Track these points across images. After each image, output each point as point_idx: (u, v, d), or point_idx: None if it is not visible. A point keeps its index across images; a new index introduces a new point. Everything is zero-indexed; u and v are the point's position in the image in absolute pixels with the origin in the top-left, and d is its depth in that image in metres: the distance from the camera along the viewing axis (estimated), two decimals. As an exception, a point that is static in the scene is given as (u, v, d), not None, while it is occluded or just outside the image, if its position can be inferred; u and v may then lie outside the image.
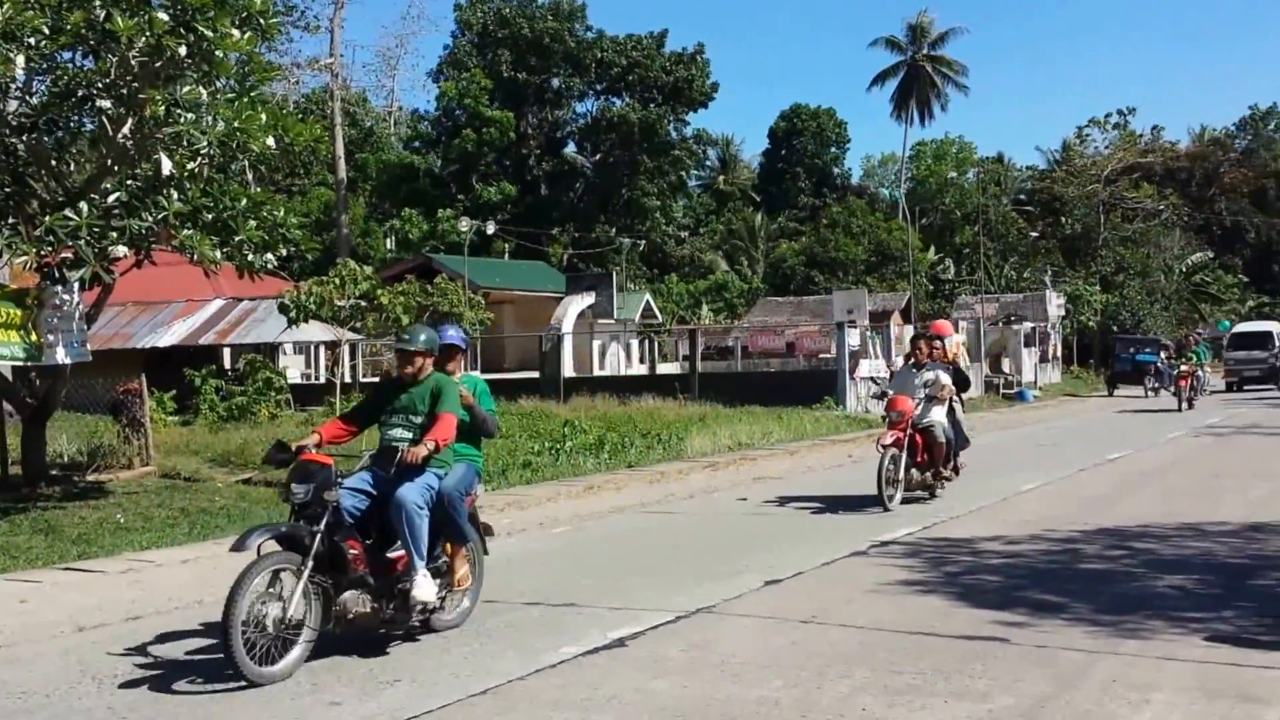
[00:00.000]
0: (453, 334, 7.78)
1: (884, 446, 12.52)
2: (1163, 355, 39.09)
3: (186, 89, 11.54)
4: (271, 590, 6.44)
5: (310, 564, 6.49)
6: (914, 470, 12.82)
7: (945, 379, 13.10)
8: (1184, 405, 28.88)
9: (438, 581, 7.21)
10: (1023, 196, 69.31)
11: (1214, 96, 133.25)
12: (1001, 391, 37.20)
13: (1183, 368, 30.07)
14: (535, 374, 32.13)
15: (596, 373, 35.17)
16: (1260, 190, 67.17)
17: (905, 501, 12.67)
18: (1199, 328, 48.32)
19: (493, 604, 8.26)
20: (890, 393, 13.21)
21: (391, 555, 7.03)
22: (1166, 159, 64.45)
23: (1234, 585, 8.42)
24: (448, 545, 7.40)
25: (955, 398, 13.50)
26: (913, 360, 13.63)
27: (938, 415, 13.02)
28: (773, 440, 21.43)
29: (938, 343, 13.70)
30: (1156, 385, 36.53)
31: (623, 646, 7.02)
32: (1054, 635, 6.98)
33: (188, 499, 13.96)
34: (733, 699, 5.87)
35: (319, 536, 6.55)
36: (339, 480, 6.90)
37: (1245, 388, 38.17)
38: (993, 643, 6.82)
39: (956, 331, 13.06)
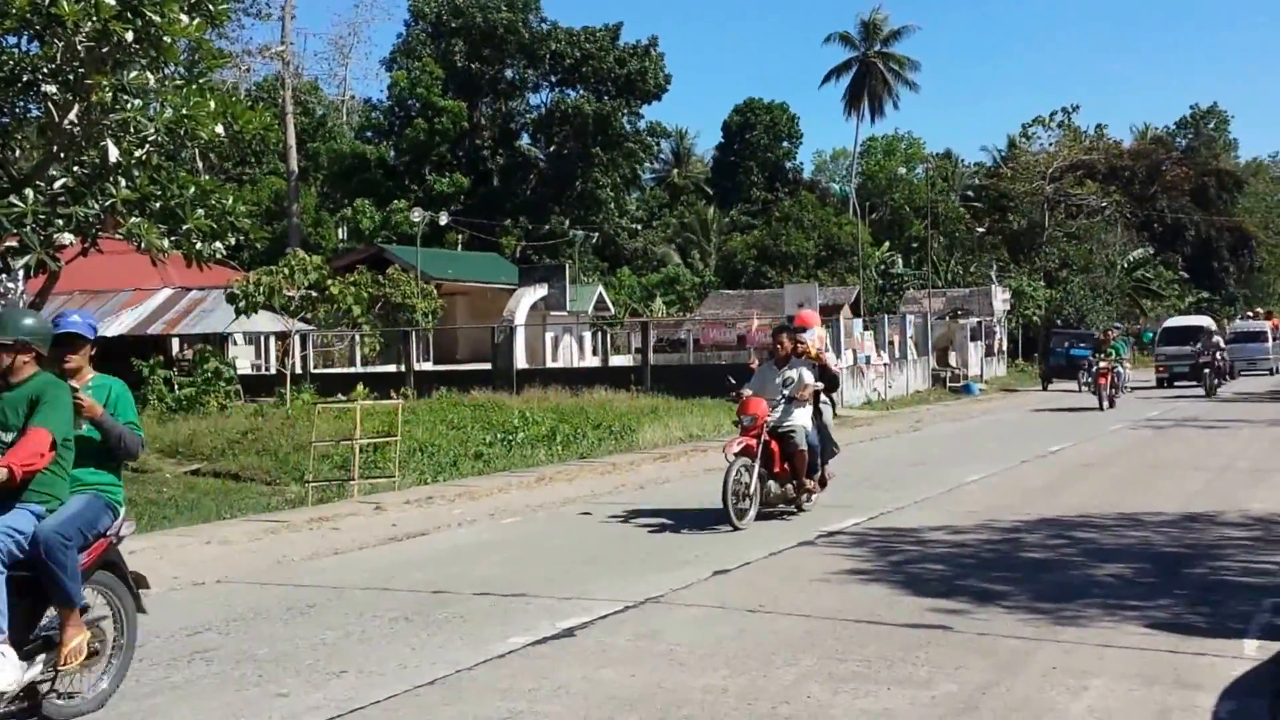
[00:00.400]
0: (75, 319, 6.02)
1: (733, 455, 10.84)
2: (1093, 351, 39.71)
3: (134, 75, 11.47)
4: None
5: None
6: (772, 482, 11.21)
7: (809, 378, 11.56)
8: (1105, 404, 26.86)
9: (40, 659, 5.48)
10: (970, 193, 70.17)
11: (1157, 96, 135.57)
12: (948, 385, 37.66)
13: (1100, 364, 28.08)
14: (488, 365, 32.08)
15: (549, 364, 35.16)
16: (1200, 188, 68.41)
17: (765, 517, 11.18)
18: (1117, 322, 47.67)
19: (442, 594, 8.28)
20: (746, 393, 11.54)
21: None
22: (1110, 157, 65.48)
23: (1171, 574, 8.58)
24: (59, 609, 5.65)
25: (825, 399, 12.16)
26: (772, 357, 12.02)
27: (800, 419, 11.41)
28: (724, 432, 21.50)
29: (802, 336, 12.07)
30: (1090, 380, 36.65)
31: (571, 636, 7.04)
32: (996, 623, 7.10)
33: (135, 489, 13.84)
34: (680, 687, 5.92)
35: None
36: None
37: (1176, 383, 37.32)
38: (936, 630, 6.94)
39: (823, 325, 10.86)
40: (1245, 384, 37.69)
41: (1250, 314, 54.15)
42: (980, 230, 59.46)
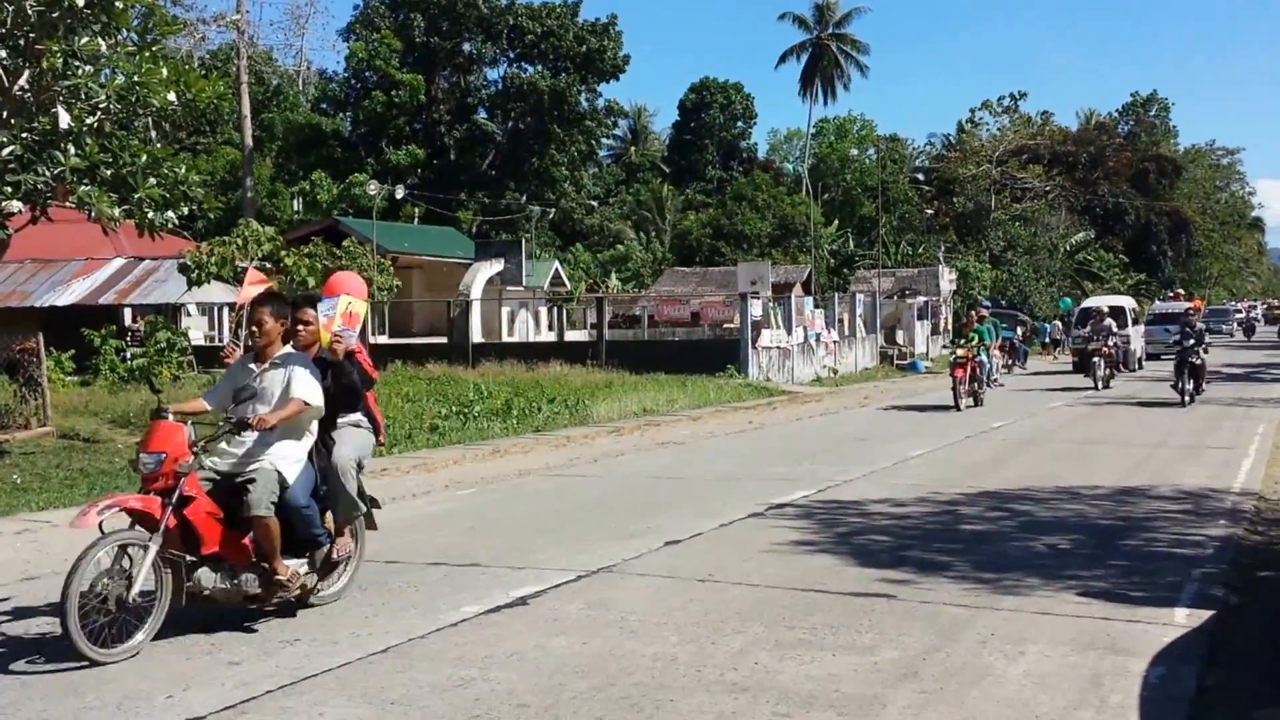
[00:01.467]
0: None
1: (105, 525, 6.22)
2: (1019, 331, 38.60)
3: (85, 41, 11.30)
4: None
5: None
6: (204, 570, 6.43)
7: (306, 389, 6.74)
8: (961, 403, 21.16)
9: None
10: (919, 176, 70.87)
11: (1100, 83, 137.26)
12: (895, 362, 38.14)
13: (959, 352, 22.04)
14: (443, 339, 32.04)
15: (505, 339, 35.17)
16: (1141, 174, 69.61)
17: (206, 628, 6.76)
18: (986, 300, 44.75)
19: (395, 564, 8.34)
20: (168, 412, 6.52)
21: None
22: (1054, 142, 66.49)
23: (1106, 545, 8.83)
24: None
25: (364, 424, 7.31)
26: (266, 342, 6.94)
27: (279, 458, 6.67)
28: (677, 407, 21.70)
29: (312, 313, 7.15)
30: (1009, 362, 35.87)
31: (524, 605, 7.14)
32: (937, 592, 7.29)
33: (87, 460, 13.75)
34: (631, 655, 6.03)
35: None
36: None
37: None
38: (879, 599, 7.11)
39: (365, 296, 7.46)
40: (1157, 369, 32.90)
41: (1171, 295, 52.64)
42: (929, 212, 60.11)
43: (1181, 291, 53.71)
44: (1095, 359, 26.47)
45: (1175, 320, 39.14)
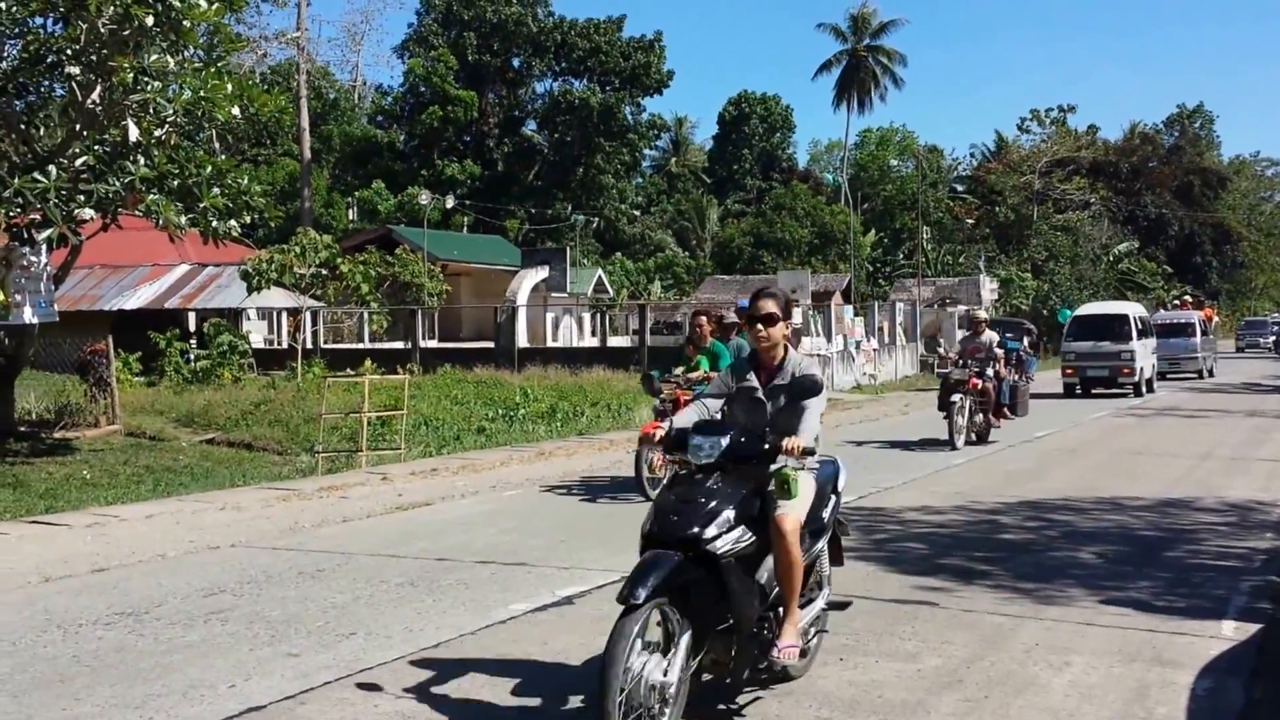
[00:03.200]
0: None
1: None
2: (1025, 341, 27.88)
3: (154, 57, 11.72)
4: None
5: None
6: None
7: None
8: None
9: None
10: (958, 186, 70.46)
11: (1145, 94, 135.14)
12: (936, 371, 37.91)
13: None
14: (490, 344, 32.41)
15: (549, 344, 35.48)
16: (1185, 185, 68.81)
17: None
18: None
19: (446, 562, 8.55)
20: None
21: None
22: (1096, 153, 65.89)
23: (1149, 556, 8.80)
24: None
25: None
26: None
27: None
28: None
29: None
30: (1016, 379, 31.28)
31: (570, 604, 7.30)
32: (979, 600, 7.33)
33: (152, 457, 14.17)
34: (674, 655, 6.17)
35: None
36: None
37: (1092, 391, 27.54)
38: (921, 606, 7.16)
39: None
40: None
41: (1177, 302, 47.49)
42: (969, 222, 59.74)
43: (1189, 299, 47.01)
44: (956, 398, 16.68)
45: (1183, 332, 34.54)
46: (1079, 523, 10.34)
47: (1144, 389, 27.66)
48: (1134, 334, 27.29)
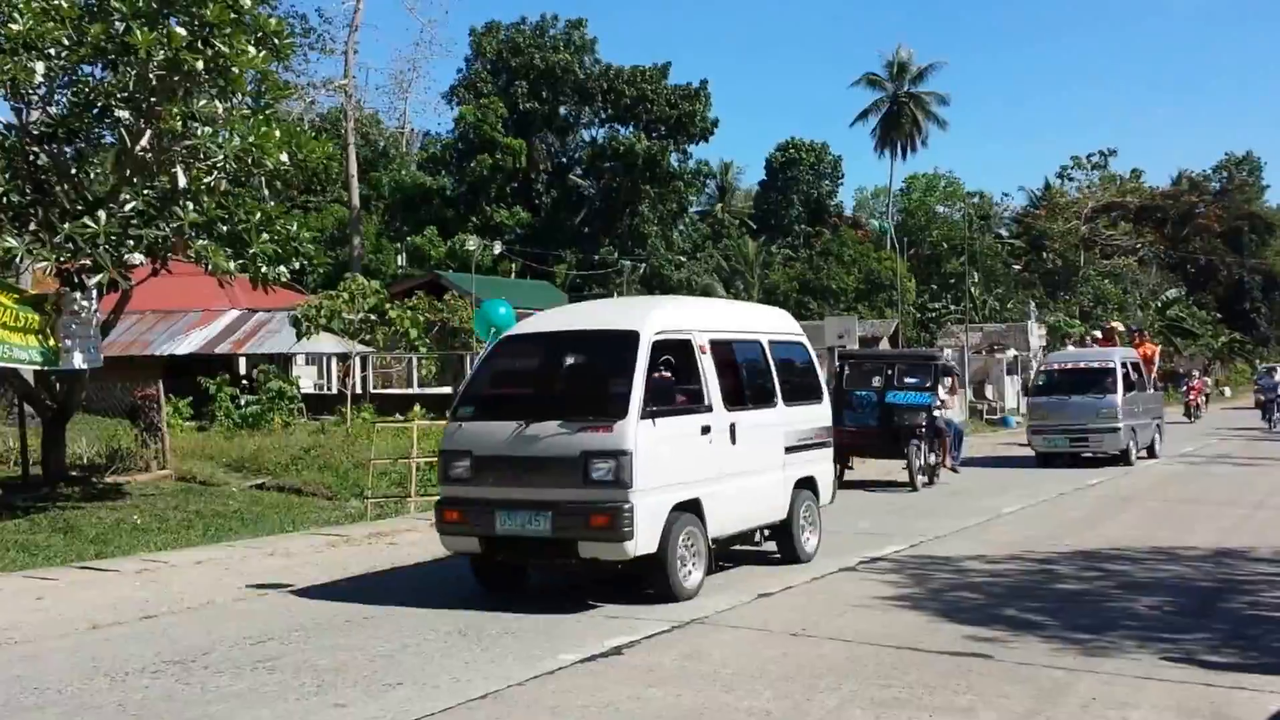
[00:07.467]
0: None
1: None
2: (942, 391, 19.59)
3: (203, 103, 11.91)
4: None
5: None
6: None
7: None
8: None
9: None
10: (1003, 232, 70.18)
11: (1192, 142, 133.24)
12: (985, 417, 37.55)
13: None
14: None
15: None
16: (1234, 231, 68.09)
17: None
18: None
19: (494, 611, 8.48)
20: None
21: None
22: (1143, 199, 65.38)
23: (1206, 608, 8.61)
24: None
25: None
26: None
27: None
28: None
29: None
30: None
31: (619, 655, 7.21)
32: (1034, 652, 7.17)
33: (202, 502, 14.24)
34: (725, 708, 6.06)
35: None
36: None
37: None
38: (976, 659, 7.02)
39: None
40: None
41: (1088, 337, 34.60)
42: (1017, 267, 59.45)
43: (1110, 326, 32.26)
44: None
45: (1095, 385, 20.97)
46: (1134, 573, 10.13)
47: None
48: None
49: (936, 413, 17.38)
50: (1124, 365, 21.51)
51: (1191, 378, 42.81)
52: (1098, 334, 32.46)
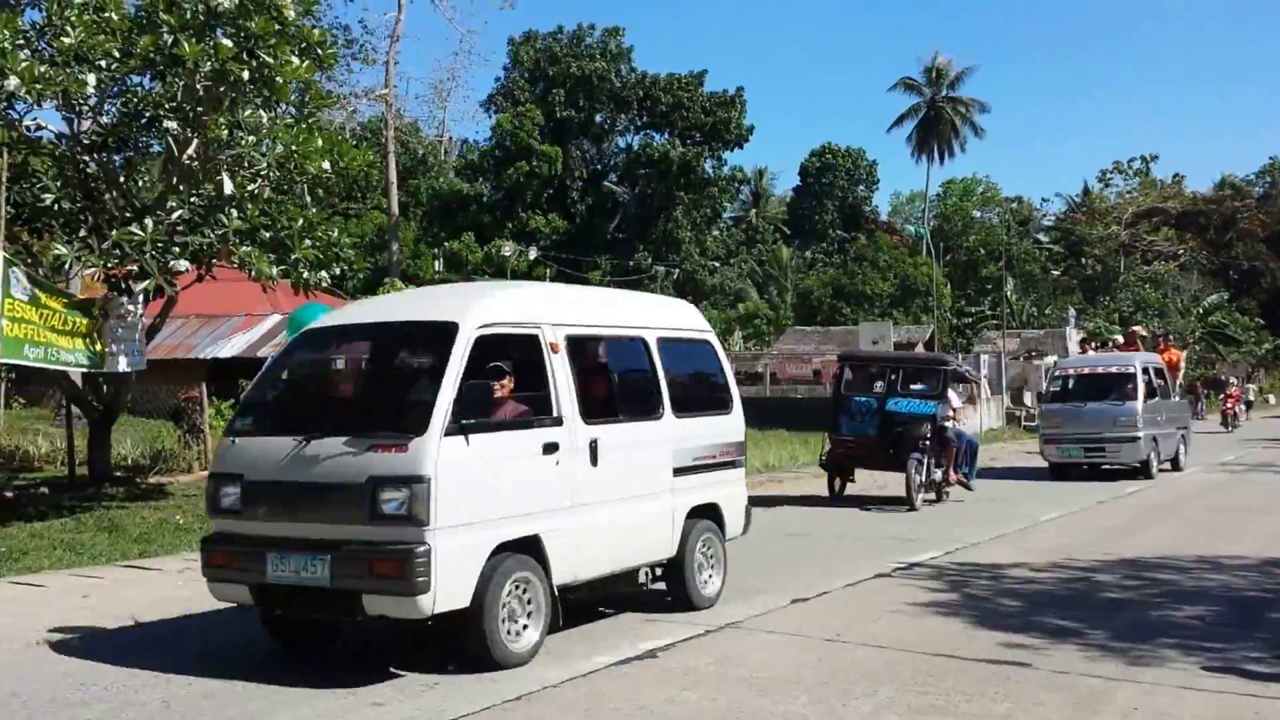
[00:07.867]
0: None
1: None
2: (953, 397, 17.81)
3: (248, 113, 12.10)
4: None
5: None
6: None
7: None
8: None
9: None
10: (1041, 237, 69.57)
11: (1235, 146, 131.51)
12: (1023, 423, 37.20)
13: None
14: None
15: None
16: (1278, 236, 66.96)
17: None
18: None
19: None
20: None
21: None
22: (1184, 204, 64.59)
23: (1251, 617, 8.52)
24: None
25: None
26: None
27: None
28: (799, 463, 21.62)
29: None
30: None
31: (654, 658, 7.24)
32: (1073, 660, 7.12)
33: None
34: (760, 713, 6.07)
35: None
36: None
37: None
38: (1013, 666, 6.98)
39: None
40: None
41: (1093, 343, 33.35)
42: (1055, 273, 58.88)
43: (1140, 329, 30.33)
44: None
45: (1113, 390, 19.79)
46: (1177, 581, 10.04)
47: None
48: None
49: (946, 424, 15.99)
50: (1146, 370, 20.09)
51: (1230, 385, 42.13)
52: (1119, 338, 31.27)
